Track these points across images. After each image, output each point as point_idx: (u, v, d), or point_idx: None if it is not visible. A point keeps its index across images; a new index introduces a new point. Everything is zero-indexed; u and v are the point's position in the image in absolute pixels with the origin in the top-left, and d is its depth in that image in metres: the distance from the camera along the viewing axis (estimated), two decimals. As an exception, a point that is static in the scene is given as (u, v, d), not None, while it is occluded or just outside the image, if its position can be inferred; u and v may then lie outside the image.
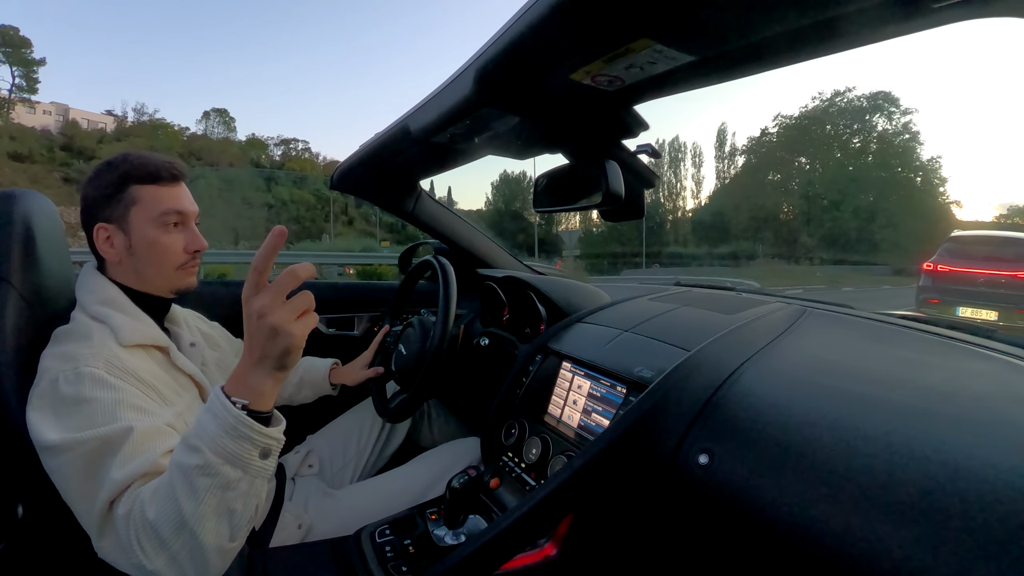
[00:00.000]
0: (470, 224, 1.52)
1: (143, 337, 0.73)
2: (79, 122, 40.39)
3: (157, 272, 0.78)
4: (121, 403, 0.62)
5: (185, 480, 0.52)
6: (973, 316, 4.79)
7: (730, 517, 0.55)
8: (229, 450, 0.52)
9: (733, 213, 40.78)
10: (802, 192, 37.83)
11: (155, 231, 0.76)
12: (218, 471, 0.52)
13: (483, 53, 0.61)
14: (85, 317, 0.72)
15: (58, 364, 0.64)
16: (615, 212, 0.86)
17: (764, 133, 42.35)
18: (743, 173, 43.02)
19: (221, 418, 0.53)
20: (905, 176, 34.47)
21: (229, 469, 0.52)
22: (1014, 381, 0.59)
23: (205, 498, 0.52)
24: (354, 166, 1.21)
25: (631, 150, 0.83)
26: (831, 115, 37.91)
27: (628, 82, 0.63)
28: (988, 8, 0.41)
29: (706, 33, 0.51)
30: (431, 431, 1.38)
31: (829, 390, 0.60)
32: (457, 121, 0.77)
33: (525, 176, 46.88)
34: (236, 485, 0.53)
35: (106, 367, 0.64)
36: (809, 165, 38.87)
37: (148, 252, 0.76)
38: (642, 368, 0.78)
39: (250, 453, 0.53)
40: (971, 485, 0.41)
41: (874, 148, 35.65)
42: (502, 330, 1.23)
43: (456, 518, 0.79)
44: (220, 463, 0.52)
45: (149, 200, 0.76)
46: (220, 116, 45.98)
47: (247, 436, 0.53)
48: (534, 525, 0.60)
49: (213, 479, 0.52)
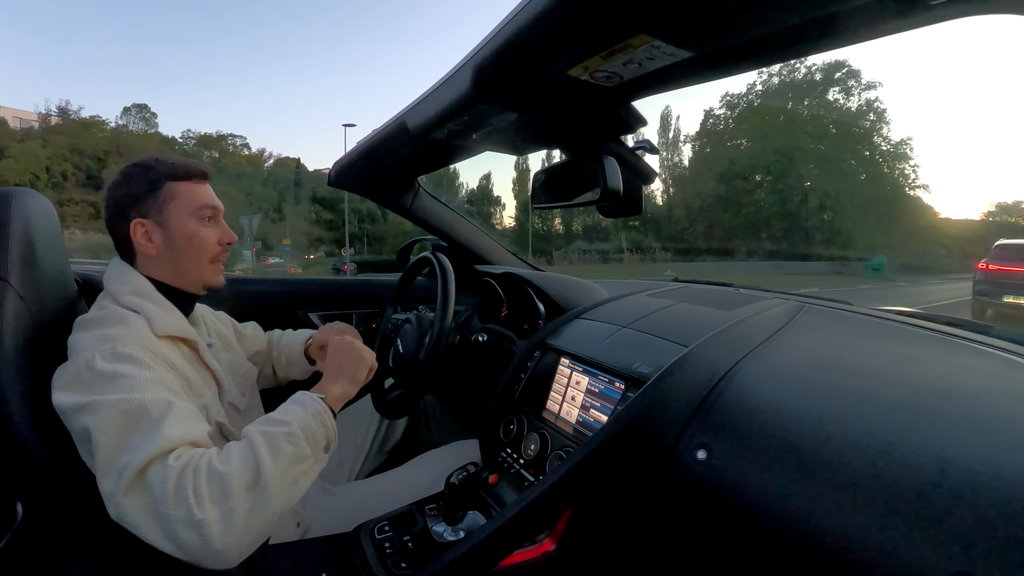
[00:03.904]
0: (468, 220, 1.52)
1: (175, 329, 0.76)
2: (7, 120, 37.55)
3: (193, 263, 0.81)
4: (160, 381, 0.65)
5: (270, 443, 0.60)
6: (1016, 302, 6.41)
7: (727, 512, 0.55)
8: (311, 429, 0.64)
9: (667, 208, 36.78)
10: (723, 172, 33.12)
11: (194, 224, 0.80)
12: (300, 442, 0.62)
13: (481, 49, 0.61)
14: (117, 307, 0.73)
15: (94, 344, 0.65)
16: (613, 208, 0.86)
17: (709, 115, 37.26)
18: (696, 159, 38.07)
19: (309, 406, 0.67)
20: (865, 158, 30.76)
21: (307, 445, 0.63)
22: (1011, 377, 0.60)
23: (283, 462, 0.60)
24: (352, 162, 1.20)
25: (629, 146, 0.83)
26: (780, 91, 33.68)
27: (626, 78, 0.62)
28: (984, 5, 0.41)
29: (704, 29, 0.51)
30: (429, 428, 1.38)
31: (826, 386, 0.60)
32: (455, 117, 0.77)
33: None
34: (306, 461, 0.63)
35: (143, 350, 0.66)
36: (746, 145, 33.85)
37: (187, 244, 0.80)
38: (640, 364, 0.78)
39: (322, 440, 0.66)
40: (968, 481, 0.41)
41: (832, 129, 31.36)
42: (500, 326, 1.23)
43: (455, 514, 0.79)
44: (303, 437, 0.63)
45: (187, 195, 0.80)
46: (140, 112, 43.95)
47: (326, 425, 0.67)
48: (533, 521, 0.60)
49: (295, 448, 0.62)
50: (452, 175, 42.18)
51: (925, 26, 0.46)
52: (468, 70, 0.64)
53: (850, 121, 31.39)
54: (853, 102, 31.83)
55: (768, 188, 31.23)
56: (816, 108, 32.44)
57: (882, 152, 31.27)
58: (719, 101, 36.86)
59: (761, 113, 33.82)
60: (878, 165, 31.26)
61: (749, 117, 34.53)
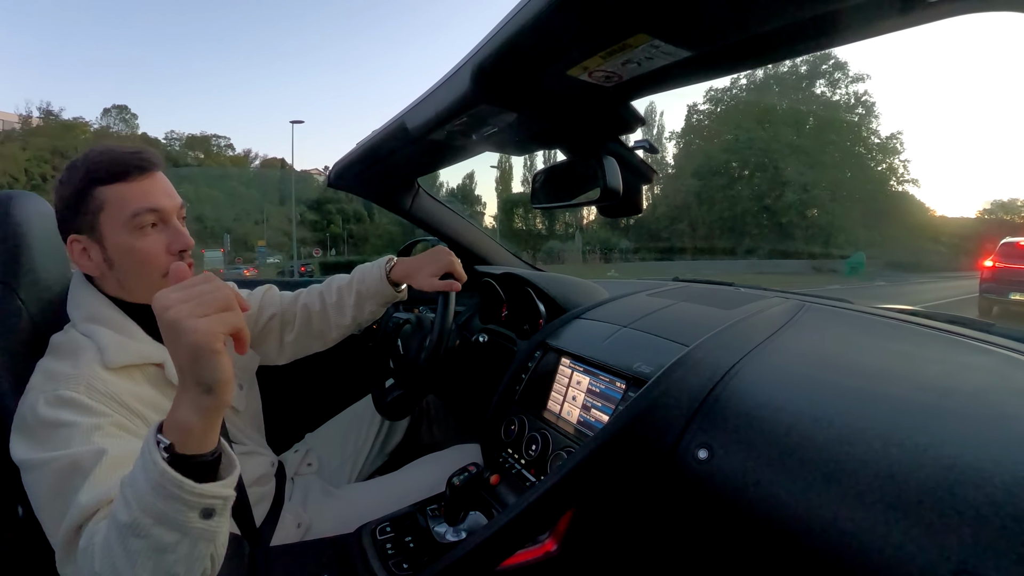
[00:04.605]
0: (468, 221, 1.52)
1: (132, 357, 0.67)
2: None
3: (141, 282, 0.70)
4: (99, 428, 0.58)
5: (118, 537, 0.45)
6: (1022, 299, 6.49)
7: (729, 512, 0.55)
8: (159, 510, 0.43)
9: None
10: (697, 167, 31.88)
11: (129, 237, 0.68)
12: (149, 532, 0.44)
13: (480, 49, 0.61)
14: (75, 332, 0.68)
15: (41, 383, 0.62)
16: (613, 208, 0.86)
17: (693, 111, 36.17)
18: (680, 156, 37.27)
19: (148, 471, 0.44)
20: (850, 150, 29.33)
21: (162, 531, 0.44)
22: (1012, 375, 0.60)
23: (139, 560, 0.45)
24: (351, 164, 1.20)
25: (628, 146, 0.83)
26: (765, 84, 32.72)
27: (625, 78, 0.62)
28: (985, 3, 0.41)
29: (703, 28, 0.51)
30: (431, 429, 1.38)
31: (827, 385, 0.60)
32: (454, 118, 0.77)
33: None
34: (174, 548, 0.45)
35: (87, 391, 0.60)
36: (733, 136, 32.39)
37: (127, 261, 0.69)
38: (641, 364, 0.78)
39: (185, 514, 0.44)
40: (969, 479, 0.41)
41: (811, 121, 30.04)
42: (501, 327, 1.23)
43: (456, 515, 0.79)
44: (151, 524, 0.44)
45: (116, 202, 0.67)
46: (120, 113, 44.07)
47: (176, 496, 0.43)
48: (534, 521, 0.60)
49: (145, 541, 0.44)
50: (433, 174, 42.15)
51: (925, 24, 0.45)
52: (467, 70, 0.64)
53: (833, 113, 30.35)
54: (840, 95, 31.01)
55: (744, 183, 30.09)
56: (801, 102, 31.39)
57: (869, 145, 30.26)
58: (703, 96, 35.99)
59: (743, 107, 32.90)
60: (862, 157, 30.15)
61: (731, 112, 33.55)
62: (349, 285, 1.03)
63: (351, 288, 1.03)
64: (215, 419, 0.46)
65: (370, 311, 1.03)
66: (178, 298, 0.44)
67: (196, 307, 0.44)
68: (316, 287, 1.07)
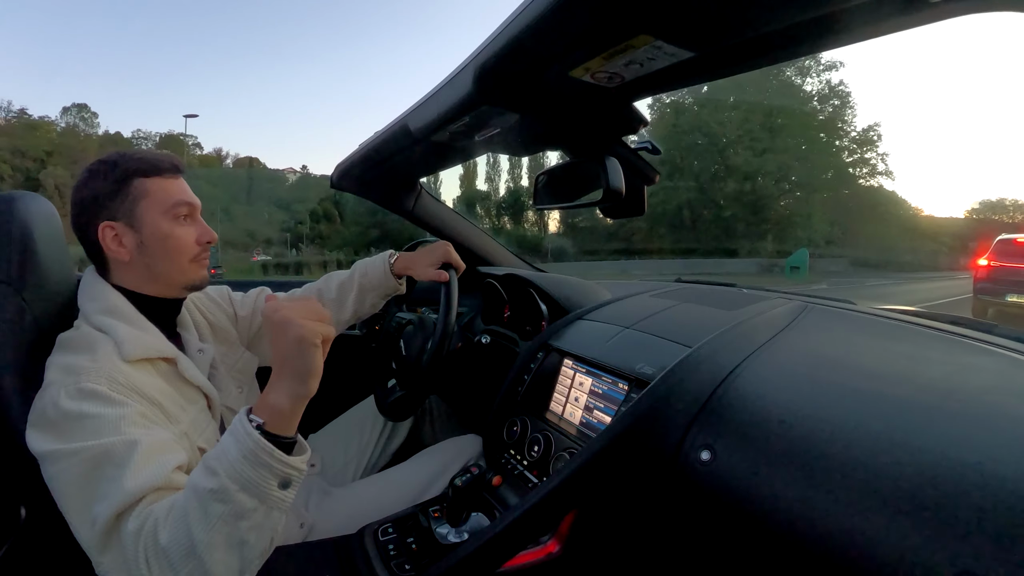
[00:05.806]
0: (470, 222, 1.52)
1: (148, 351, 0.70)
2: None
3: (171, 266, 0.76)
4: (125, 418, 0.60)
5: (199, 504, 0.51)
6: (1019, 301, 5.78)
7: (732, 513, 0.55)
8: (247, 477, 0.51)
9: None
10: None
11: (168, 223, 0.74)
12: (233, 498, 0.50)
13: (482, 50, 0.61)
14: (88, 327, 0.70)
15: (60, 377, 0.62)
16: (616, 209, 0.86)
17: (655, 102, 30.59)
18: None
19: (242, 442, 0.51)
20: (815, 139, 26.66)
21: (245, 497, 0.51)
22: (1015, 376, 0.59)
23: (216, 525, 0.50)
24: (353, 165, 1.20)
25: (631, 147, 0.83)
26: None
27: (628, 78, 0.62)
28: (986, 3, 0.41)
29: (705, 29, 0.51)
30: (433, 429, 1.38)
31: (830, 386, 0.60)
32: (457, 119, 0.77)
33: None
34: (251, 515, 0.51)
35: (108, 383, 0.62)
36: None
37: (162, 246, 0.74)
38: (644, 365, 0.78)
39: (268, 482, 0.51)
40: (973, 480, 0.41)
41: (765, 102, 26.88)
42: (503, 328, 1.23)
43: (459, 516, 0.79)
44: (236, 490, 0.50)
45: (158, 192, 0.74)
46: (80, 111, 43.27)
47: (266, 463, 0.51)
48: (537, 522, 0.60)
49: (227, 506, 0.50)
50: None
51: (927, 24, 0.45)
52: (470, 72, 0.64)
53: (796, 101, 27.75)
54: (812, 84, 28.50)
55: (686, 174, 27.18)
56: (768, 93, 28.45)
57: (838, 133, 27.59)
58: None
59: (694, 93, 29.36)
60: (820, 143, 27.34)
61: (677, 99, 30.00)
62: (350, 280, 1.08)
63: (352, 282, 1.07)
64: (301, 407, 0.55)
65: (371, 304, 1.09)
66: (288, 304, 0.56)
67: (303, 312, 0.55)
68: (313, 285, 1.11)
